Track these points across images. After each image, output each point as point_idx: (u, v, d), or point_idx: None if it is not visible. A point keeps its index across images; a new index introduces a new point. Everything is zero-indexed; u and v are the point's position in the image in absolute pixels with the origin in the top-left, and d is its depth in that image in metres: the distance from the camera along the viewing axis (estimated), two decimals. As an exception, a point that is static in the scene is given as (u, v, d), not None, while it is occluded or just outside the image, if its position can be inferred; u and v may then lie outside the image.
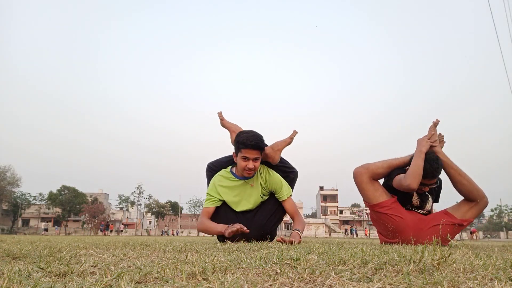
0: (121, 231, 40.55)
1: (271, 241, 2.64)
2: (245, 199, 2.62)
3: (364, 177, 2.57)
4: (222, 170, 2.69)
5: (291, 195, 2.67)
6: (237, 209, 2.62)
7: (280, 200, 2.64)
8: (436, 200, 2.77)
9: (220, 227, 2.40)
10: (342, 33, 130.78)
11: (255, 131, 2.54)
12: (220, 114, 2.98)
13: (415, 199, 2.61)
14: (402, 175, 2.49)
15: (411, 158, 2.55)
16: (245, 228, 2.29)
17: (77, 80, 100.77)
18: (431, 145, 2.55)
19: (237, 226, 2.28)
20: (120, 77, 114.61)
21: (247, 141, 2.39)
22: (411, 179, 2.38)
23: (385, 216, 2.51)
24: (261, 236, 2.52)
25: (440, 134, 2.79)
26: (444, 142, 2.80)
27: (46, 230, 34.65)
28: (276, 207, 2.68)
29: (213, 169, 2.78)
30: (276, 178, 2.64)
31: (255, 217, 2.61)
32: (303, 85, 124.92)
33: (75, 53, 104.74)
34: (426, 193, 2.65)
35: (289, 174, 2.75)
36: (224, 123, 2.93)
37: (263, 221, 2.61)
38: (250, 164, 2.45)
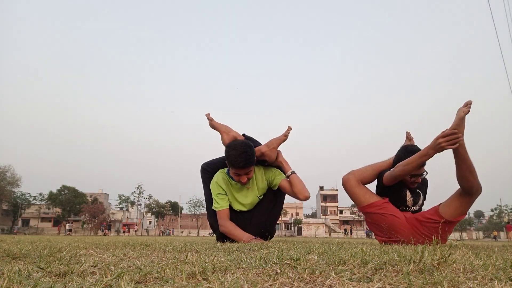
0: (135, 231, 41.10)
1: (271, 238, 2.66)
2: (242, 200, 2.63)
3: (352, 182, 2.61)
4: (219, 171, 2.67)
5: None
6: (234, 209, 2.64)
7: (278, 184, 2.61)
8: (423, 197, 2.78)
9: (246, 236, 2.41)
10: (343, 33, 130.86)
11: (244, 144, 2.44)
12: (208, 116, 2.87)
13: (409, 198, 2.61)
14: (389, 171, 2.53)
15: (395, 160, 2.57)
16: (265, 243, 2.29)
17: (77, 80, 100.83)
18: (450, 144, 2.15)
19: (260, 241, 2.27)
20: (120, 77, 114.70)
21: (236, 163, 2.37)
22: (388, 178, 2.48)
23: (378, 216, 2.52)
24: (261, 235, 2.52)
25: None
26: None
27: (70, 230, 34.47)
28: (273, 205, 2.69)
29: (207, 170, 2.76)
30: (271, 168, 2.68)
31: (253, 216, 2.62)
32: (303, 84, 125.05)
33: (75, 53, 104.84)
34: (417, 190, 2.66)
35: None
36: (213, 124, 2.84)
37: (262, 219, 2.62)
38: (243, 179, 2.46)
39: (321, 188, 68.85)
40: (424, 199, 2.74)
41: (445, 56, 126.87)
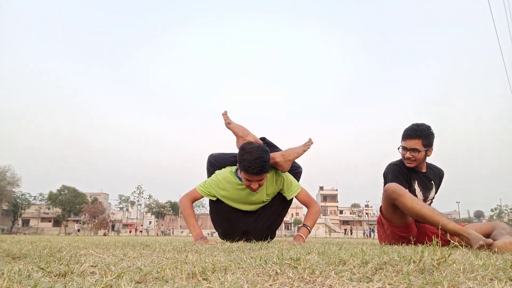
0: (141, 232, 41.76)
1: (270, 240, 2.61)
2: (248, 203, 2.51)
3: (387, 202, 2.32)
4: (227, 169, 2.52)
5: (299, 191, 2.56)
6: (238, 208, 2.54)
7: (292, 197, 2.53)
8: (435, 191, 2.70)
9: (196, 233, 2.35)
10: (344, 33, 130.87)
11: (260, 149, 2.23)
12: (225, 115, 2.61)
13: (419, 192, 2.55)
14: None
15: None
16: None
17: (77, 81, 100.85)
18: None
19: (206, 242, 2.20)
20: (120, 77, 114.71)
21: (249, 168, 2.17)
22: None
23: (396, 235, 2.43)
24: (263, 238, 2.49)
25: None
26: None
27: (78, 230, 34.47)
28: (279, 211, 2.59)
29: (214, 164, 2.62)
30: (284, 177, 2.51)
31: (257, 220, 2.53)
32: (303, 84, 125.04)
33: (75, 54, 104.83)
34: (432, 181, 2.59)
35: (295, 171, 2.64)
36: (230, 126, 2.57)
37: (265, 225, 2.54)
38: (254, 185, 2.27)
39: (321, 188, 68.89)
40: (436, 191, 2.66)
41: (445, 55, 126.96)
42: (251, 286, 0.72)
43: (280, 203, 2.59)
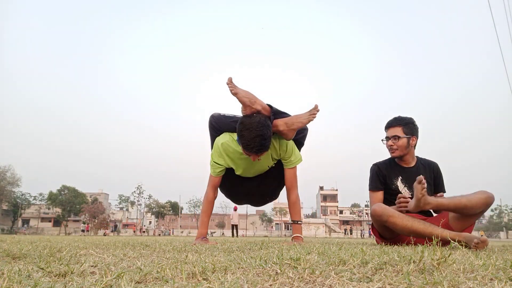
0: (144, 232, 42.18)
1: (271, 200, 2.70)
2: (250, 170, 2.45)
3: (377, 224, 2.36)
4: (228, 135, 2.39)
5: (297, 164, 2.48)
6: (241, 175, 2.49)
7: (285, 167, 2.45)
8: (438, 189, 2.57)
9: (199, 232, 2.45)
10: (345, 35, 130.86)
11: (261, 124, 2.07)
12: (230, 83, 2.20)
13: (403, 188, 2.48)
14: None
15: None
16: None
17: (77, 81, 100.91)
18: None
19: (206, 242, 2.23)
20: (120, 78, 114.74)
21: (248, 147, 2.07)
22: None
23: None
24: (264, 201, 2.59)
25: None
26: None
27: (83, 231, 34.52)
28: (282, 176, 2.50)
29: (216, 128, 2.46)
30: (287, 143, 2.39)
31: (259, 186, 2.52)
32: (304, 83, 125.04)
33: (74, 55, 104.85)
34: (421, 174, 2.56)
35: (301, 134, 2.53)
36: (237, 96, 2.20)
37: (267, 190, 2.57)
38: (254, 157, 2.18)
39: (321, 188, 68.90)
40: (433, 188, 2.55)
41: (445, 56, 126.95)
42: (251, 286, 0.72)
43: (282, 168, 2.50)
